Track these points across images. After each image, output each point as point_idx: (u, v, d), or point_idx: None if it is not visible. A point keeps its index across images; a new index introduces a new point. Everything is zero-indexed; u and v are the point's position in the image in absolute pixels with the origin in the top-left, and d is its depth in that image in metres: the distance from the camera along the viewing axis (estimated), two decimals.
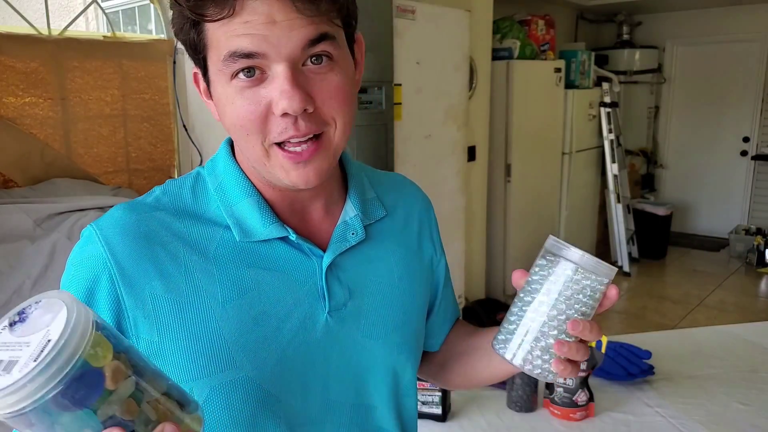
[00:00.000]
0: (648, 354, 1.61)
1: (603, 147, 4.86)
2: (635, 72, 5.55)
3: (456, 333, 0.87)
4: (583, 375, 1.41)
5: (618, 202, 4.83)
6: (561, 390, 1.40)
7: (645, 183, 5.91)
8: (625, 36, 5.69)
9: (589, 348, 0.63)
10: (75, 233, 1.86)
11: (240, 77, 0.57)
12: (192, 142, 2.47)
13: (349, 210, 0.72)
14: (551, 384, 1.43)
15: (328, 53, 0.59)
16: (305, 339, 0.66)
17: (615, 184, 4.81)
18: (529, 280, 0.63)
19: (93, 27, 3.26)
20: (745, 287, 4.69)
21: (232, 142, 0.70)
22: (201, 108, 2.45)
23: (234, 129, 0.61)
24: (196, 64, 0.63)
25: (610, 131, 4.79)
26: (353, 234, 0.70)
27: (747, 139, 5.54)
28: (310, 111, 0.58)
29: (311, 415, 0.68)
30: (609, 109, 4.79)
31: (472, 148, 3.62)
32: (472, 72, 3.49)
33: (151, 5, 2.46)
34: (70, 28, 2.18)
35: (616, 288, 0.61)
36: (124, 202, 0.67)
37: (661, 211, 5.19)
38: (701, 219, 5.89)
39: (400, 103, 2.85)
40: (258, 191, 0.67)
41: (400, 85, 2.84)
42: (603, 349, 1.50)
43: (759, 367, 1.65)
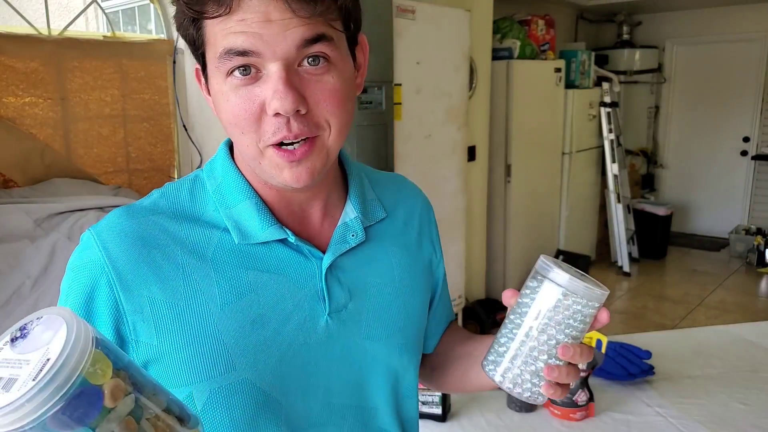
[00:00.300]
0: (648, 354, 1.62)
1: (603, 147, 4.86)
2: (635, 72, 5.56)
3: (451, 336, 0.87)
4: (583, 375, 1.41)
5: (618, 202, 4.83)
6: None
7: (645, 183, 5.91)
8: (625, 36, 5.69)
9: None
10: (75, 233, 1.86)
11: (235, 75, 0.57)
12: (192, 142, 2.47)
13: (350, 211, 0.71)
14: None
15: (324, 54, 0.58)
16: (305, 341, 0.66)
17: (615, 184, 4.81)
18: (520, 302, 0.62)
19: (93, 27, 3.25)
20: (746, 287, 4.69)
21: (230, 143, 0.70)
22: (201, 108, 2.45)
23: (229, 126, 0.61)
24: (196, 59, 0.64)
25: (610, 131, 4.79)
26: (353, 236, 0.70)
27: (747, 139, 5.55)
28: (303, 112, 0.58)
29: (312, 418, 0.67)
30: (609, 109, 4.79)
31: (472, 148, 3.62)
32: (472, 72, 3.49)
33: (151, 5, 2.45)
34: (70, 28, 2.18)
35: (607, 311, 0.61)
36: (123, 205, 0.67)
37: (662, 211, 5.19)
38: (701, 219, 5.89)
39: (400, 103, 2.85)
40: (256, 193, 0.67)
41: (400, 85, 2.84)
42: (603, 349, 1.50)
43: (759, 367, 1.65)
